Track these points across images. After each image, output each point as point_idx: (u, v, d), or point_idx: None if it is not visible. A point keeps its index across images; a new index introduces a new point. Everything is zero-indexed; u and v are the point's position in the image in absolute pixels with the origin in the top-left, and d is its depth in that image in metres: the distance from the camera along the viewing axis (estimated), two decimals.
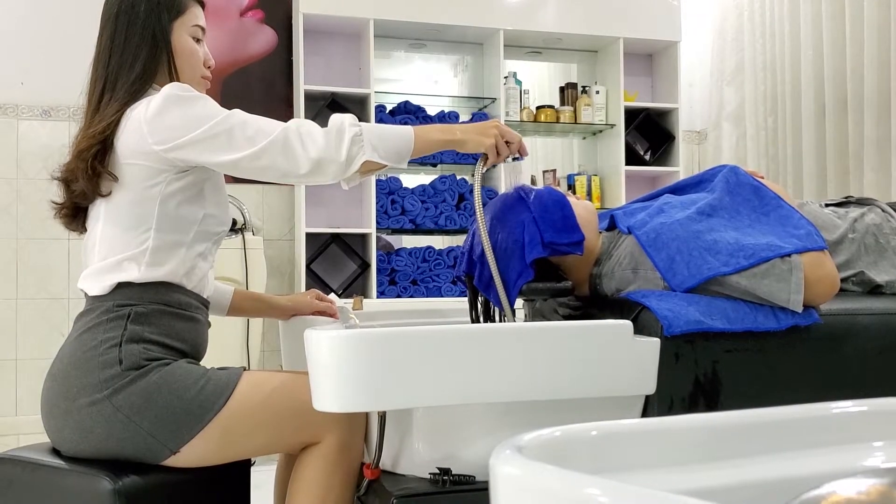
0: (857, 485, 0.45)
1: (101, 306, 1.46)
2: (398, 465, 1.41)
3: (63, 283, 3.70)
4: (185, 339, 1.50)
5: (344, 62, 3.89)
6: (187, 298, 1.52)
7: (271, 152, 1.44)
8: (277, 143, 1.44)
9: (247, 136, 1.44)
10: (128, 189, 1.48)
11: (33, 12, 3.73)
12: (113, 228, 1.49)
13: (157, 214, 1.47)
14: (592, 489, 0.41)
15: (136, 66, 1.54)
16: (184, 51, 1.59)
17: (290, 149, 1.44)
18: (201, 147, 1.44)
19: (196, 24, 1.62)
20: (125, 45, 1.55)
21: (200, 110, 1.45)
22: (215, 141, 1.44)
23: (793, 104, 3.85)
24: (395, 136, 1.50)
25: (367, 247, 3.75)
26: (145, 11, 1.56)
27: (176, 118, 1.44)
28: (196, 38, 1.62)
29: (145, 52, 1.55)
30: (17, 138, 3.70)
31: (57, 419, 1.44)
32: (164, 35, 1.57)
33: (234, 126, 1.45)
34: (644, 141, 4.30)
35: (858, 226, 1.66)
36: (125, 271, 1.46)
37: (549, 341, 1.27)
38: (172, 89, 1.47)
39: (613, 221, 1.63)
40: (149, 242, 1.47)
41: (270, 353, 3.84)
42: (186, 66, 1.60)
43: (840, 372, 1.44)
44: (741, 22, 4.19)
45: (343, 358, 1.19)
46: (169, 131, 1.43)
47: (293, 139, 1.45)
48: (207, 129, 1.43)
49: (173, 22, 1.58)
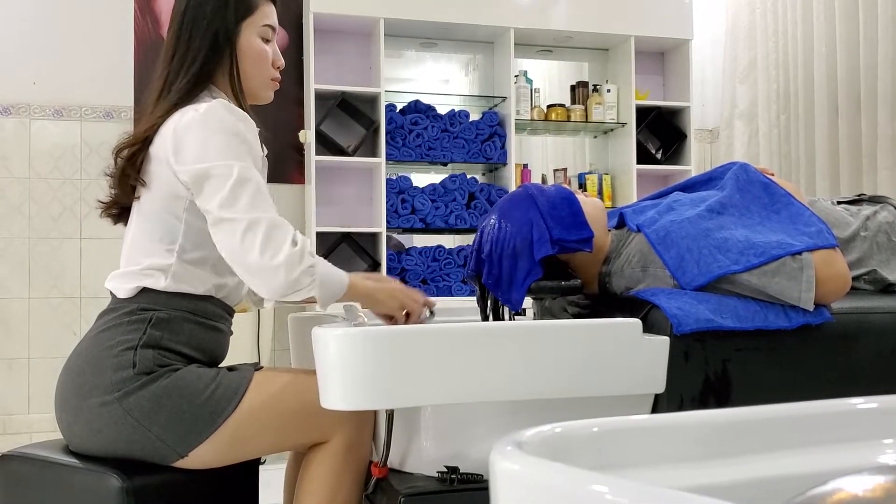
0: (864, 481, 0.45)
1: (125, 307, 1.45)
2: (406, 463, 1.40)
3: (75, 282, 3.72)
4: (204, 348, 1.49)
5: (354, 61, 3.89)
6: (214, 308, 1.51)
7: (238, 225, 1.36)
8: (244, 222, 1.36)
9: (236, 194, 1.37)
10: (155, 196, 1.46)
11: (45, 13, 3.74)
12: (142, 236, 1.48)
13: (183, 229, 1.45)
14: (592, 485, 0.41)
15: (193, 68, 1.49)
16: (251, 52, 1.53)
17: (272, 242, 1.36)
18: (205, 183, 1.38)
19: (266, 24, 1.55)
20: (188, 44, 1.50)
21: (219, 144, 1.39)
22: (218, 186, 1.37)
23: (805, 102, 3.82)
24: (337, 281, 1.42)
25: (378, 246, 3.75)
26: (212, 10, 1.50)
27: (196, 140, 1.40)
28: (266, 38, 1.56)
29: (204, 54, 1.50)
30: (30, 138, 3.72)
31: (69, 414, 1.44)
32: (228, 36, 1.51)
33: (233, 178, 1.37)
34: (655, 139, 4.28)
35: (871, 224, 1.64)
36: (151, 278, 1.45)
37: (558, 340, 1.26)
38: (219, 108, 1.42)
39: (623, 219, 1.62)
40: (173, 257, 1.45)
41: (282, 353, 3.85)
42: (253, 69, 1.54)
43: (852, 371, 1.42)
44: (753, 19, 4.16)
45: (351, 356, 1.19)
46: (185, 150, 1.40)
47: (264, 229, 1.36)
48: (223, 174, 1.37)
49: (241, 22, 1.52)
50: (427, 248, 3.81)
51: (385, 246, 3.71)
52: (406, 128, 3.79)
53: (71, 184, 3.72)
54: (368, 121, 3.73)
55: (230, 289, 1.54)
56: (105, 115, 3.79)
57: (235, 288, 1.56)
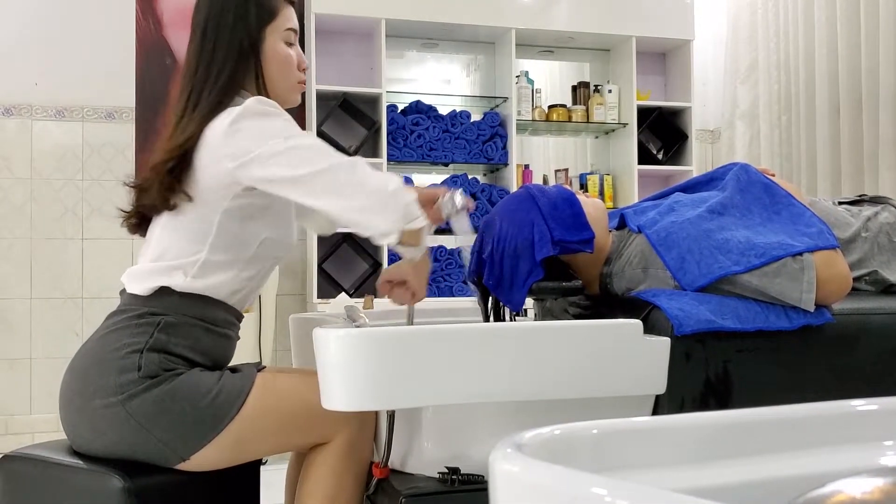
0: (862, 484, 0.45)
1: (134, 309, 1.45)
2: (407, 464, 1.41)
3: (77, 282, 3.72)
4: (210, 354, 1.49)
5: (356, 62, 3.89)
6: (224, 315, 1.51)
7: (337, 174, 1.37)
8: (343, 167, 1.38)
9: (318, 153, 1.39)
10: (195, 203, 1.45)
11: (47, 14, 3.75)
12: (170, 234, 1.47)
13: (215, 230, 1.45)
14: (592, 487, 0.41)
15: (222, 77, 1.48)
16: (276, 58, 1.53)
17: (357, 172, 1.38)
18: (269, 161, 1.38)
19: (289, 28, 1.55)
20: (213, 55, 1.49)
21: (276, 125, 1.41)
22: (283, 156, 1.37)
23: (807, 102, 3.82)
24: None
25: (379, 246, 3.75)
26: (234, 19, 1.49)
27: (250, 131, 1.40)
28: (288, 41, 1.56)
29: (232, 63, 1.49)
30: (32, 139, 3.72)
31: (72, 414, 1.44)
32: (252, 44, 1.51)
33: (304, 145, 1.39)
34: (657, 140, 4.28)
35: (872, 224, 1.64)
36: (170, 277, 1.44)
37: (559, 341, 1.26)
38: (253, 103, 1.42)
39: (623, 220, 1.62)
40: (202, 255, 1.45)
41: (283, 353, 3.85)
42: (279, 74, 1.54)
43: (853, 372, 1.42)
44: (755, 20, 4.16)
45: (351, 357, 1.19)
46: (242, 144, 1.39)
47: (361, 167, 1.39)
48: (278, 143, 1.38)
49: (264, 29, 1.52)
50: (428, 249, 3.80)
51: (386, 247, 3.71)
52: (407, 128, 3.79)
53: (73, 184, 3.72)
54: (370, 121, 3.73)
55: (245, 294, 1.54)
56: (107, 116, 3.79)
57: (251, 292, 1.56)
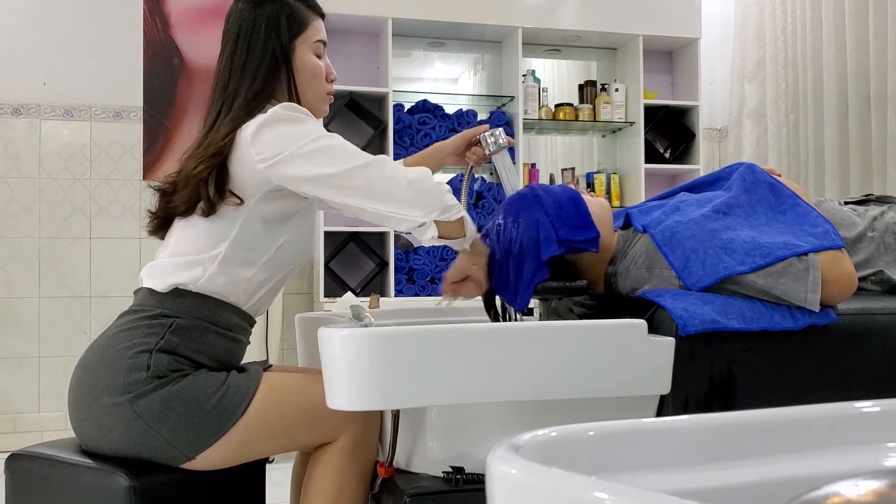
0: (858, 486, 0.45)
1: (147, 310, 1.46)
2: (412, 463, 1.41)
3: (85, 281, 3.74)
4: (219, 358, 1.49)
5: (362, 61, 3.89)
6: (237, 319, 1.52)
7: (369, 170, 1.41)
8: (374, 163, 1.41)
9: (347, 152, 1.42)
10: (225, 204, 1.46)
11: (54, 14, 3.76)
12: (191, 231, 1.49)
13: (238, 228, 1.46)
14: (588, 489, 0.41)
15: (254, 87, 1.51)
16: (306, 69, 1.56)
17: (388, 168, 1.42)
18: (299, 161, 1.40)
19: (318, 40, 1.59)
20: (245, 66, 1.52)
21: (305, 127, 1.43)
22: (313, 156, 1.40)
23: (815, 101, 3.81)
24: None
25: (386, 245, 3.75)
26: (266, 31, 1.53)
27: (280, 132, 1.42)
28: (318, 53, 1.59)
29: (264, 72, 1.52)
30: (40, 138, 3.74)
31: (80, 411, 1.45)
32: (284, 55, 1.54)
33: (334, 144, 1.43)
34: (664, 139, 4.27)
35: (878, 224, 1.64)
36: (189, 273, 1.46)
37: (564, 340, 1.26)
38: (282, 109, 1.44)
39: (629, 220, 1.62)
40: (222, 250, 1.46)
41: (290, 352, 3.86)
42: (309, 85, 1.57)
43: (858, 372, 1.42)
44: (762, 18, 4.15)
45: (356, 356, 1.19)
46: (272, 146, 1.41)
47: (390, 163, 1.43)
48: (308, 143, 1.41)
49: (294, 40, 1.55)
50: (435, 248, 3.81)
51: (393, 245, 3.72)
52: (414, 127, 3.79)
53: (81, 184, 3.74)
54: (376, 121, 3.74)
55: (259, 300, 1.55)
56: (115, 116, 3.81)
57: (265, 299, 1.57)
